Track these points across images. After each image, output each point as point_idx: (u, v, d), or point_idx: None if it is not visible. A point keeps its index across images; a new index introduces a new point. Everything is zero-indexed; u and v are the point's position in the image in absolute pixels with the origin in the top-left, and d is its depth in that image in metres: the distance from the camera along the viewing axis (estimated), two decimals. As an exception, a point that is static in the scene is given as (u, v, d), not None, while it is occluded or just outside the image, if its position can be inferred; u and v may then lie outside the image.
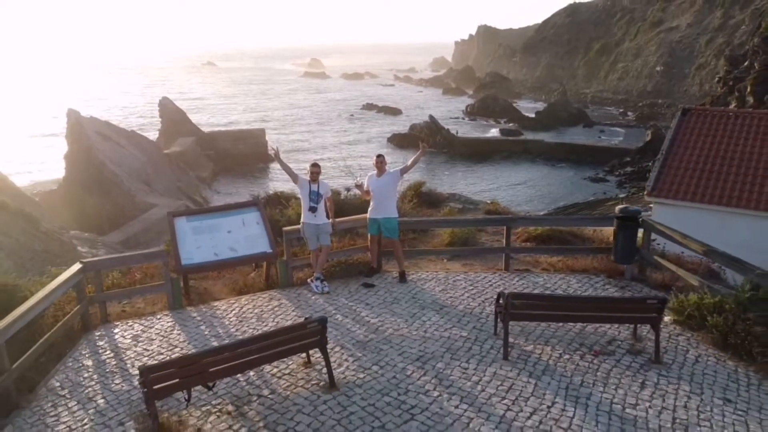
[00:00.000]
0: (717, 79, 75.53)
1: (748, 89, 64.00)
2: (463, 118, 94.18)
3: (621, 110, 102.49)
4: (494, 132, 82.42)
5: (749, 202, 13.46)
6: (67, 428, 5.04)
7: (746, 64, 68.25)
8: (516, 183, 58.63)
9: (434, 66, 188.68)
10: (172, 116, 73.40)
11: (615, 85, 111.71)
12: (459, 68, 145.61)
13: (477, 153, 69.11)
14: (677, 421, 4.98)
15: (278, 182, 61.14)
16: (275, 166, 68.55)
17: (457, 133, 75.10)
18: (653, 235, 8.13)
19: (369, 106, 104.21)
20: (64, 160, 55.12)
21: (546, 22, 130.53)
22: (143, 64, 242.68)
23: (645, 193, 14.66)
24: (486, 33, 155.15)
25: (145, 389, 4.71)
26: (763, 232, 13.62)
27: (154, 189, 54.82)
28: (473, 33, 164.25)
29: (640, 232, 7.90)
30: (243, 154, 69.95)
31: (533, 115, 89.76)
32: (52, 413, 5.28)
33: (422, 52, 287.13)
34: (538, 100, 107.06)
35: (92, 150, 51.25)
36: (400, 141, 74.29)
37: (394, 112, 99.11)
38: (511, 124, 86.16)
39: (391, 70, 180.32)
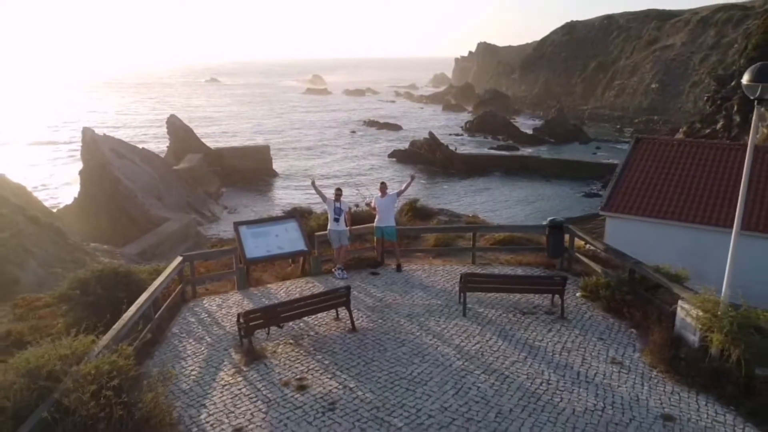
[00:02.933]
0: (705, 98, 79.25)
1: (735, 108, 67.71)
2: (463, 135, 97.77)
3: (618, 127, 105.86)
4: (492, 148, 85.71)
5: (681, 215, 16.86)
6: (193, 352, 8.39)
7: (733, 84, 71.96)
8: (512, 198, 61.86)
9: (434, 82, 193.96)
10: (180, 133, 76.84)
11: (612, 102, 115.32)
12: (459, 85, 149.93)
13: (475, 168, 72.14)
14: (564, 348, 8.35)
15: (281, 197, 64.59)
16: (278, 181, 72.12)
17: (455, 149, 78.46)
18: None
19: (370, 123, 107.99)
20: (80, 176, 58.63)
21: (544, 39, 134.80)
22: (146, 79, 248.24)
23: (599, 208, 18.09)
24: (486, 50, 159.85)
25: (244, 325, 8.09)
26: (696, 239, 17.02)
27: (166, 204, 58.27)
28: (473, 50, 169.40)
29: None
30: (248, 169, 73.16)
31: (531, 132, 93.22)
32: (180, 345, 8.64)
33: (423, 67, 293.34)
34: (537, 117, 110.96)
35: (107, 167, 54.60)
36: (400, 157, 77.78)
37: (394, 128, 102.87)
38: (509, 141, 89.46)
39: (392, 86, 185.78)
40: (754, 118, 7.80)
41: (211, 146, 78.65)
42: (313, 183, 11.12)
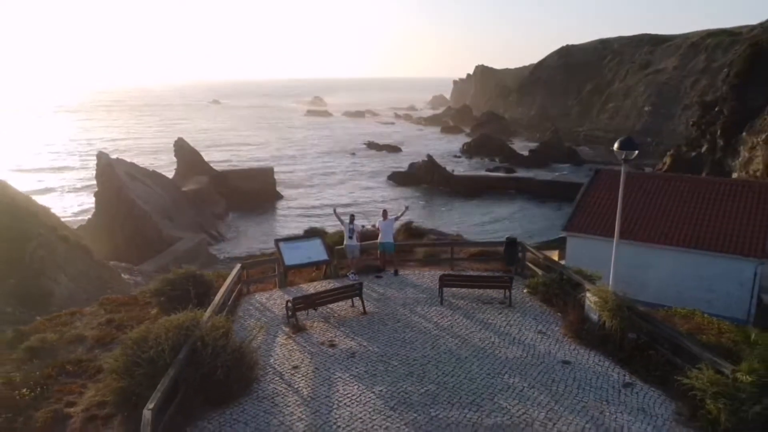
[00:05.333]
0: (691, 123, 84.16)
1: (719, 133, 72.48)
2: (460, 156, 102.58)
3: (611, 149, 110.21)
4: (489, 170, 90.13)
5: (626, 234, 21.15)
6: (256, 325, 12.62)
7: (717, 109, 77.00)
8: (506, 218, 66.12)
9: (433, 104, 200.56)
10: (187, 156, 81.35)
11: (606, 124, 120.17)
12: (457, 107, 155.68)
13: (472, 190, 76.49)
14: (508, 323, 12.61)
15: (285, 218, 68.75)
16: (282, 202, 76.41)
17: (453, 171, 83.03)
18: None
19: (370, 145, 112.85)
20: (95, 198, 63.07)
21: (540, 63, 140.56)
22: (147, 101, 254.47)
23: (561, 229, 22.42)
24: (483, 73, 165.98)
25: (292, 308, 12.35)
26: (637, 254, 21.32)
27: (176, 224, 62.61)
28: (471, 72, 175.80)
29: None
30: (253, 191, 77.35)
31: (526, 154, 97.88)
32: (246, 321, 12.87)
33: (422, 88, 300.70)
34: (533, 139, 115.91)
35: (123, 189, 59.04)
36: (399, 179, 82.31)
37: (394, 150, 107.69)
38: (505, 163, 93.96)
39: (392, 107, 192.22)
40: (623, 172, 12.21)
41: (216, 168, 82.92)
42: (334, 211, 15.55)
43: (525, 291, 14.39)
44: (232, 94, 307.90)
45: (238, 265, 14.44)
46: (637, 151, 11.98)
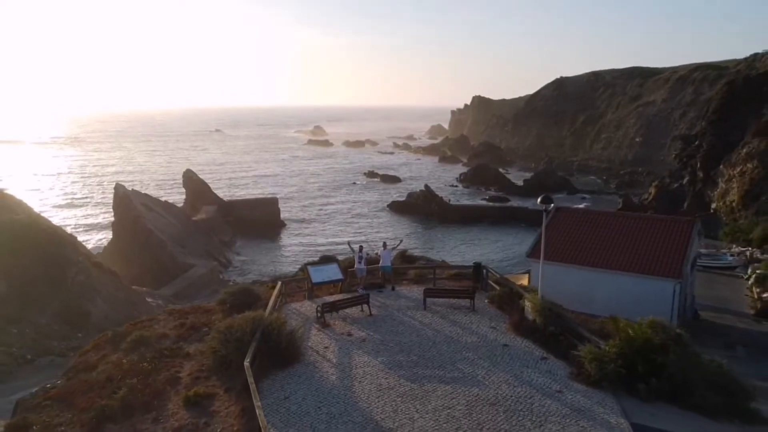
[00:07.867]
0: (674, 155, 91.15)
1: (698, 165, 79.31)
2: (458, 186, 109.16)
3: (604, 178, 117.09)
4: (484, 199, 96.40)
5: (577, 260, 27.34)
6: (297, 322, 18.71)
7: (697, 143, 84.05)
8: (499, 246, 72.13)
9: (431, 133, 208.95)
10: (196, 186, 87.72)
11: (599, 154, 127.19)
12: (455, 136, 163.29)
13: (468, 218, 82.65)
14: (470, 322, 18.84)
15: (288, 245, 74.71)
16: (285, 231, 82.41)
17: (449, 201, 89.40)
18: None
19: (370, 174, 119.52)
20: (112, 227, 69.28)
21: (535, 94, 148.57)
22: (151, 130, 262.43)
23: (526, 255, 28.61)
24: (480, 103, 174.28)
25: (321, 310, 18.52)
26: (585, 276, 27.39)
27: (189, 251, 68.71)
28: (468, 102, 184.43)
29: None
30: (258, 220, 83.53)
31: (521, 183, 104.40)
32: (288, 318, 18.97)
33: (420, 117, 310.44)
34: (528, 169, 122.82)
35: (140, 219, 65.27)
36: (398, 208, 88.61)
37: (393, 180, 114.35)
38: (500, 192, 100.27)
39: (391, 137, 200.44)
40: (544, 218, 18.51)
41: (223, 198, 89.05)
42: (348, 243, 21.84)
43: (486, 301, 20.53)
44: (234, 122, 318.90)
45: (280, 282, 20.61)
46: (553, 204, 18.23)
